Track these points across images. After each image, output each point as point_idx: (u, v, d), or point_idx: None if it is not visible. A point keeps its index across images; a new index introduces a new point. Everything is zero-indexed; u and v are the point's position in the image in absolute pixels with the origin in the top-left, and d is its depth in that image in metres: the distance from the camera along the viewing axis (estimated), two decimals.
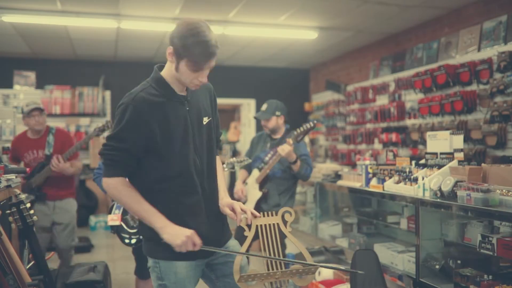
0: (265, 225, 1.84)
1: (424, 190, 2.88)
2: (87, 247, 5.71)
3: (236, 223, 1.85)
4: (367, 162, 3.53)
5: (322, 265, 1.92)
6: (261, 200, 3.49)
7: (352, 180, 3.73)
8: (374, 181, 3.41)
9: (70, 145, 3.90)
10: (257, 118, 3.65)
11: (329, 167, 4.70)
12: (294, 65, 7.93)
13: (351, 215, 4.07)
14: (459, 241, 2.82)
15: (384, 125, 5.37)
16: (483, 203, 2.41)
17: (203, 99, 1.86)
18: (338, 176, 4.18)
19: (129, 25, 5.18)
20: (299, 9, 4.80)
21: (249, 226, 1.81)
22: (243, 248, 1.80)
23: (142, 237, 1.86)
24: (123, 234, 2.90)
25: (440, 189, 2.76)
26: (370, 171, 3.47)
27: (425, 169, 3.02)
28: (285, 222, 1.87)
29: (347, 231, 4.04)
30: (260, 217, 1.84)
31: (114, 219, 2.89)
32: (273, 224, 1.85)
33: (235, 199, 2.30)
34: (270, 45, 6.36)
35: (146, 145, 1.70)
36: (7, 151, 4.07)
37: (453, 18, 4.82)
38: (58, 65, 7.03)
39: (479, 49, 4.25)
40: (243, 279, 1.69)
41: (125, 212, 2.93)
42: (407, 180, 3.06)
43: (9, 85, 6.66)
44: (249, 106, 8.05)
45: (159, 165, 1.73)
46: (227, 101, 8.10)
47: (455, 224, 2.86)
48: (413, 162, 3.20)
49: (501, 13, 4.15)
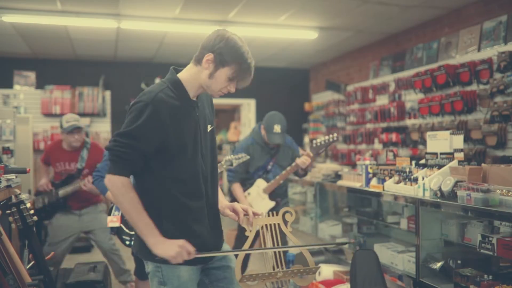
0: (266, 225, 1.84)
1: (424, 190, 2.88)
2: (87, 247, 5.71)
3: (235, 224, 1.85)
4: (367, 162, 3.53)
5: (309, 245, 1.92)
6: (273, 209, 3.55)
7: (352, 180, 3.73)
8: (374, 181, 3.41)
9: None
10: (276, 142, 3.52)
11: (329, 167, 4.70)
12: (294, 65, 7.93)
13: (351, 215, 4.07)
14: (459, 241, 2.82)
15: (384, 125, 5.37)
16: (483, 203, 2.41)
17: (207, 107, 1.88)
18: (338, 176, 4.18)
19: (129, 25, 5.18)
20: (299, 9, 4.80)
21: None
22: (246, 246, 1.80)
23: (141, 241, 1.83)
24: (123, 236, 2.90)
25: (440, 189, 2.76)
26: (370, 171, 3.47)
27: (425, 169, 3.02)
28: (285, 222, 1.87)
29: (347, 231, 4.04)
30: (261, 216, 1.84)
31: (113, 221, 2.90)
32: (274, 224, 1.85)
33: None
34: (270, 45, 6.36)
35: (158, 147, 1.68)
36: (7, 151, 4.07)
37: (453, 18, 4.82)
38: (58, 65, 7.03)
39: (479, 49, 4.25)
40: (244, 279, 1.69)
41: None
42: (407, 180, 3.06)
43: (9, 85, 6.66)
44: (249, 106, 8.05)
45: (170, 167, 1.72)
46: (227, 101, 8.10)
47: (455, 224, 2.86)
48: (413, 162, 3.20)
49: (501, 13, 4.15)
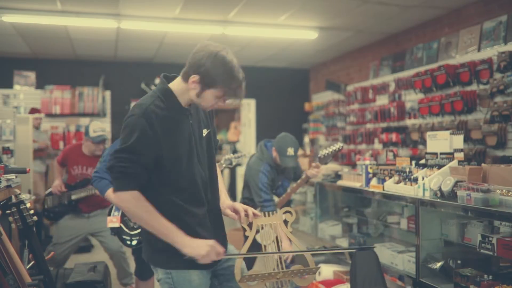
0: (266, 224, 1.84)
1: (424, 190, 2.87)
2: (87, 247, 5.71)
3: (236, 224, 1.85)
4: (367, 162, 3.53)
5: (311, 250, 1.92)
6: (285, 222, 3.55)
7: (352, 180, 3.73)
8: (374, 181, 3.41)
9: None
10: (291, 165, 3.46)
11: (329, 167, 4.69)
12: (294, 65, 7.93)
13: (351, 215, 4.07)
14: (459, 241, 2.82)
15: (384, 125, 5.37)
16: (483, 203, 2.40)
17: (202, 112, 1.87)
18: (338, 176, 4.17)
19: (129, 25, 5.18)
20: (299, 9, 4.80)
21: (250, 226, 1.82)
22: (245, 247, 1.80)
23: (150, 248, 1.82)
24: (123, 236, 2.90)
25: (440, 189, 2.75)
26: (370, 171, 3.47)
27: (425, 169, 3.02)
28: (286, 222, 1.87)
29: (347, 231, 4.04)
30: (260, 217, 1.84)
31: (113, 221, 2.90)
32: (274, 224, 1.85)
33: None
34: (270, 45, 6.36)
35: (155, 158, 1.69)
36: (7, 151, 4.07)
37: (453, 18, 4.82)
38: (58, 65, 7.03)
39: (479, 49, 4.25)
40: (244, 279, 1.69)
41: (125, 213, 2.92)
42: (407, 180, 3.06)
43: (9, 85, 6.66)
44: (249, 106, 8.05)
45: (167, 177, 1.73)
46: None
47: (455, 224, 2.85)
48: (413, 162, 3.20)
49: (501, 13, 4.15)
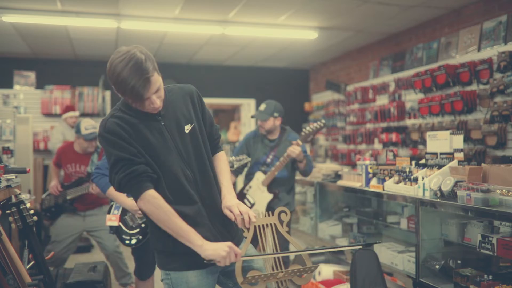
0: (263, 225, 1.84)
1: (424, 190, 2.87)
2: (87, 247, 5.72)
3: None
4: (367, 162, 3.53)
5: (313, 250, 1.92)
6: (272, 201, 3.58)
7: (352, 180, 3.73)
8: (374, 181, 3.41)
9: None
10: (255, 117, 3.70)
11: (329, 167, 4.69)
12: (294, 65, 7.93)
13: (351, 215, 4.07)
14: (459, 241, 2.82)
15: (384, 125, 5.37)
16: (483, 203, 2.41)
17: (181, 108, 1.82)
18: (338, 176, 4.18)
19: (129, 25, 5.18)
20: (299, 9, 4.80)
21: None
22: (243, 249, 1.79)
23: (154, 249, 1.84)
24: (123, 235, 2.90)
25: (440, 189, 2.76)
26: (370, 171, 3.47)
27: (425, 169, 3.02)
28: (281, 221, 1.87)
29: (347, 231, 4.04)
30: (256, 218, 1.83)
31: (112, 220, 2.90)
32: (270, 224, 1.85)
33: None
34: (270, 45, 6.36)
35: (142, 155, 1.70)
36: (7, 151, 4.07)
37: (453, 18, 4.82)
38: (58, 65, 7.03)
39: (479, 49, 4.25)
40: (246, 281, 1.70)
41: (124, 212, 2.92)
42: (407, 180, 3.06)
43: (9, 85, 6.65)
44: (249, 106, 8.05)
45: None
46: (227, 101, 8.11)
47: (455, 224, 2.85)
48: (413, 162, 3.20)
49: (501, 13, 4.15)
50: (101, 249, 3.98)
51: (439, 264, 2.83)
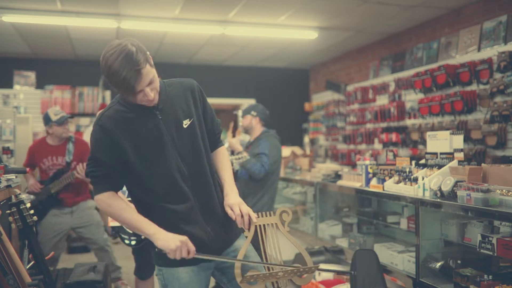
0: (264, 225, 1.84)
1: (424, 190, 2.87)
2: (87, 247, 5.71)
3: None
4: (367, 162, 3.53)
5: (321, 269, 1.92)
6: None
7: (352, 180, 3.73)
8: (374, 181, 3.41)
9: (88, 154, 3.96)
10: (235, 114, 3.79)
11: (329, 167, 4.69)
12: (294, 65, 7.93)
13: (351, 215, 4.07)
14: (459, 241, 2.82)
15: (384, 125, 5.37)
16: (483, 203, 2.41)
17: (180, 102, 1.81)
18: (338, 176, 4.18)
19: (129, 25, 5.18)
20: (299, 9, 4.80)
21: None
22: (243, 248, 1.79)
23: (151, 246, 1.85)
24: (124, 235, 2.90)
25: (440, 189, 2.76)
26: (370, 171, 3.47)
27: (425, 169, 3.02)
28: (283, 222, 1.87)
29: (347, 231, 4.04)
30: (257, 218, 1.83)
31: (114, 220, 2.89)
32: (271, 224, 1.85)
33: None
34: (270, 45, 6.36)
35: (119, 159, 1.72)
36: (7, 151, 4.08)
37: (453, 18, 4.82)
38: (58, 65, 7.03)
39: (479, 49, 4.25)
40: (245, 280, 1.69)
41: None
42: (407, 180, 3.06)
43: (9, 85, 6.65)
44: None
45: (139, 177, 1.74)
46: (227, 101, 8.10)
47: (455, 224, 2.85)
48: (413, 162, 3.20)
49: (501, 13, 4.15)
50: (90, 245, 3.96)
51: (439, 264, 2.83)
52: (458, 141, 2.92)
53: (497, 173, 2.61)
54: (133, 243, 2.85)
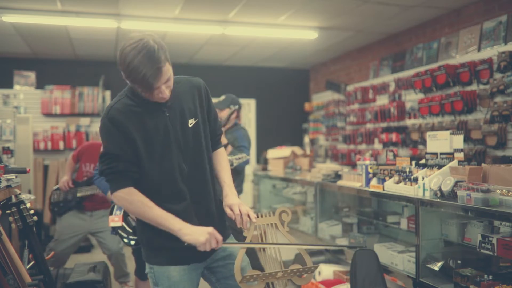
0: (263, 225, 1.84)
1: (424, 190, 2.87)
2: (87, 247, 5.72)
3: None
4: (367, 162, 3.53)
5: (317, 266, 1.92)
6: None
7: (352, 180, 3.72)
8: (374, 181, 3.41)
9: None
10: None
11: (329, 167, 4.69)
12: (294, 65, 7.93)
13: (351, 215, 4.07)
14: (459, 241, 2.82)
15: (384, 125, 5.37)
16: (483, 203, 2.40)
17: (187, 101, 1.80)
18: (338, 176, 4.17)
19: (129, 25, 5.18)
20: (299, 9, 4.80)
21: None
22: (241, 250, 1.80)
23: (141, 243, 1.87)
24: (124, 234, 2.90)
25: (440, 189, 2.75)
26: (370, 171, 3.46)
27: (425, 169, 3.02)
28: (282, 222, 1.87)
29: (347, 231, 4.04)
30: (256, 218, 1.83)
31: (115, 220, 2.89)
32: (271, 224, 1.85)
33: None
34: (270, 45, 6.36)
35: (133, 152, 1.69)
36: (7, 151, 4.08)
37: (453, 18, 4.82)
38: (58, 65, 7.03)
39: (479, 49, 4.25)
40: (245, 280, 1.69)
41: (127, 213, 2.92)
42: (407, 180, 3.06)
43: (9, 85, 6.65)
44: (249, 106, 8.05)
45: (143, 173, 1.73)
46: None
47: (455, 224, 2.85)
48: (413, 162, 3.19)
49: (501, 13, 4.15)
50: (104, 250, 3.97)
51: (439, 264, 2.83)
52: (458, 141, 2.92)
53: (497, 173, 2.61)
54: (132, 242, 2.84)
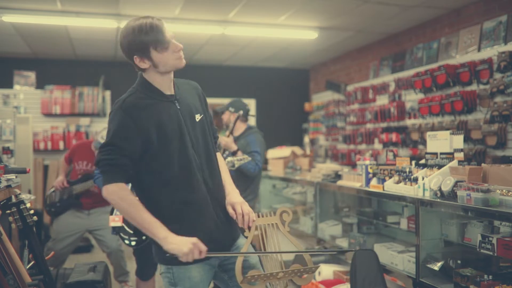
0: (264, 225, 1.84)
1: (424, 190, 2.88)
2: (87, 247, 5.71)
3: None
4: (367, 162, 3.53)
5: (315, 251, 1.92)
6: None
7: (352, 180, 3.73)
8: (374, 181, 3.41)
9: None
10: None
11: (329, 167, 4.69)
12: (294, 65, 7.93)
13: (351, 215, 4.07)
14: (459, 241, 2.82)
15: (384, 125, 5.37)
16: (483, 203, 2.41)
17: (192, 98, 1.86)
18: (338, 176, 4.17)
19: None
20: (299, 9, 4.80)
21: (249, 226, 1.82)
22: (244, 248, 1.80)
23: (153, 244, 1.80)
24: (124, 235, 2.90)
25: (440, 189, 2.76)
26: (370, 171, 3.47)
27: (425, 169, 3.02)
28: (283, 222, 1.88)
29: (347, 231, 4.04)
30: (257, 219, 1.83)
31: (115, 220, 2.89)
32: (272, 224, 1.85)
33: None
34: (270, 45, 6.36)
35: (142, 147, 1.68)
36: (7, 151, 4.08)
37: (453, 18, 4.82)
38: (58, 65, 7.03)
39: (479, 49, 4.25)
40: (246, 280, 1.69)
41: None
42: (407, 180, 3.06)
43: (9, 85, 6.65)
44: (249, 106, 8.05)
45: (159, 165, 1.72)
46: (227, 101, 8.09)
47: (455, 224, 2.85)
48: (413, 162, 3.20)
49: (501, 13, 4.15)
50: (103, 248, 3.97)
51: (439, 264, 2.83)
52: (458, 141, 2.92)
53: (497, 173, 2.61)
54: (133, 243, 2.85)
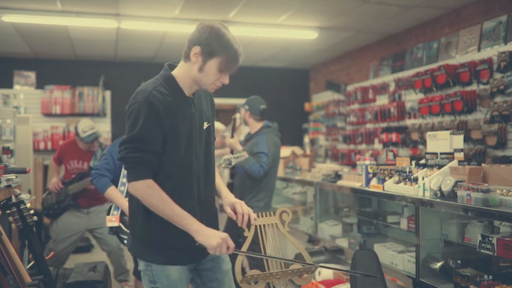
0: (264, 225, 1.84)
1: (424, 190, 2.87)
2: (87, 247, 5.72)
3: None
4: (367, 162, 3.53)
5: (321, 265, 1.92)
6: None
7: (352, 180, 3.72)
8: (374, 181, 3.41)
9: None
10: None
11: (329, 167, 4.69)
12: (294, 65, 7.93)
13: (351, 215, 4.07)
14: (459, 241, 2.82)
15: (384, 125, 5.37)
16: (483, 203, 2.41)
17: (205, 104, 1.86)
18: (338, 176, 4.17)
19: (129, 25, 5.18)
20: (299, 9, 4.80)
21: (249, 226, 1.82)
22: (244, 248, 1.80)
23: (133, 237, 1.80)
24: (121, 235, 2.90)
25: (440, 189, 2.75)
26: (370, 171, 3.47)
27: (425, 169, 3.02)
28: (283, 222, 1.88)
29: (347, 231, 4.04)
30: (257, 218, 1.84)
31: (112, 220, 2.89)
32: (271, 224, 1.85)
33: None
34: (270, 45, 6.36)
35: (163, 141, 1.68)
36: (7, 151, 4.08)
37: (453, 18, 4.82)
38: (58, 65, 7.03)
39: (479, 49, 4.25)
40: (245, 280, 1.69)
41: (123, 213, 2.92)
42: (407, 180, 3.06)
43: (9, 85, 6.65)
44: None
45: (164, 163, 1.71)
46: (227, 101, 8.09)
47: (455, 224, 2.85)
48: (413, 162, 3.20)
49: (501, 13, 4.15)
50: (103, 246, 3.97)
51: (439, 264, 2.83)
52: (458, 141, 2.92)
53: (497, 173, 2.61)
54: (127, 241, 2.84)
